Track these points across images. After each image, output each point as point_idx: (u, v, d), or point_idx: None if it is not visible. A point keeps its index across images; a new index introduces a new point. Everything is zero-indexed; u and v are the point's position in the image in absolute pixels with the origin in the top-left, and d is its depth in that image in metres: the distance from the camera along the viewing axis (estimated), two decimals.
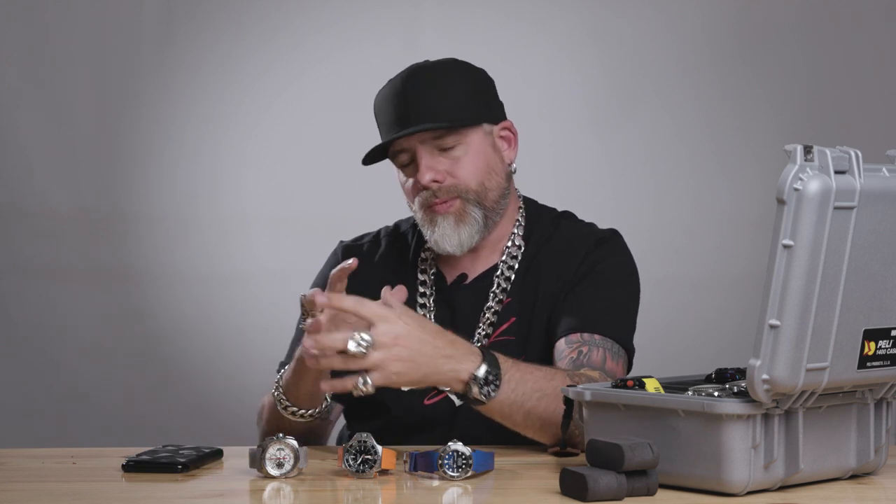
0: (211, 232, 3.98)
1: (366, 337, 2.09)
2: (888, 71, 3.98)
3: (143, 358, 3.96)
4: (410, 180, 2.53)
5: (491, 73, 2.58)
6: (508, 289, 2.56)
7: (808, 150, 1.84)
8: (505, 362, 2.22)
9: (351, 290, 2.51)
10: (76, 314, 3.96)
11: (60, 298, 3.96)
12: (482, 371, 2.17)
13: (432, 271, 2.60)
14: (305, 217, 3.93)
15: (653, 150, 3.98)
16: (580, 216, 2.68)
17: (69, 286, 3.96)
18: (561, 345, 2.45)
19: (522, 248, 2.58)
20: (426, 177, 2.48)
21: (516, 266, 2.57)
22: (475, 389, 2.17)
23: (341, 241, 2.70)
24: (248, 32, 3.98)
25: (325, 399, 2.40)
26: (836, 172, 1.85)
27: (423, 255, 2.61)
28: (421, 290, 2.59)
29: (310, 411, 2.38)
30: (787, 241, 1.82)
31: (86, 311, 3.96)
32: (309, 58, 3.98)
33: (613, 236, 2.60)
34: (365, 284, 2.57)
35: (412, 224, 2.65)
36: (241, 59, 3.97)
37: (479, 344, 2.50)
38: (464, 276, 2.58)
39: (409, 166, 2.53)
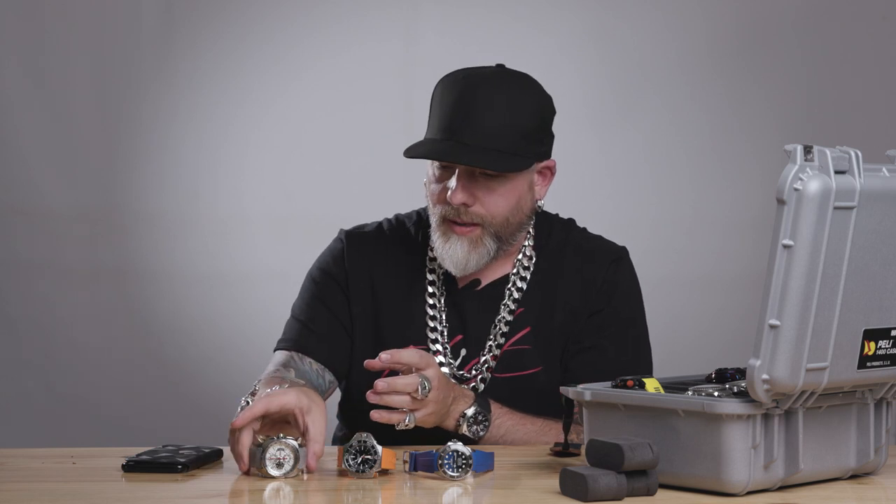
0: (211, 232, 3.98)
1: (427, 382, 2.24)
2: (888, 71, 3.98)
3: (143, 358, 3.96)
4: (440, 186, 2.48)
5: None
6: (520, 298, 2.55)
7: (808, 150, 1.85)
8: (499, 409, 2.39)
9: (357, 279, 2.54)
10: (76, 314, 3.96)
11: (60, 298, 3.96)
12: (472, 410, 2.35)
13: (442, 272, 2.57)
14: (305, 217, 3.92)
15: (653, 150, 3.98)
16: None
17: (69, 286, 3.95)
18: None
19: (534, 259, 2.57)
20: (458, 198, 2.44)
21: (528, 276, 2.56)
22: (464, 427, 2.35)
23: (342, 229, 2.65)
24: (248, 32, 3.98)
25: None
26: (836, 172, 1.85)
27: (431, 253, 2.58)
28: (430, 290, 2.57)
29: None
30: (787, 241, 1.82)
31: (86, 311, 3.96)
32: (309, 58, 3.98)
33: (625, 256, 2.60)
34: (370, 275, 2.57)
35: (415, 221, 2.63)
36: (242, 59, 3.97)
37: (489, 355, 2.52)
38: (477, 282, 2.57)
39: (443, 170, 2.48)
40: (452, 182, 2.45)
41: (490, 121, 2.43)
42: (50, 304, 3.96)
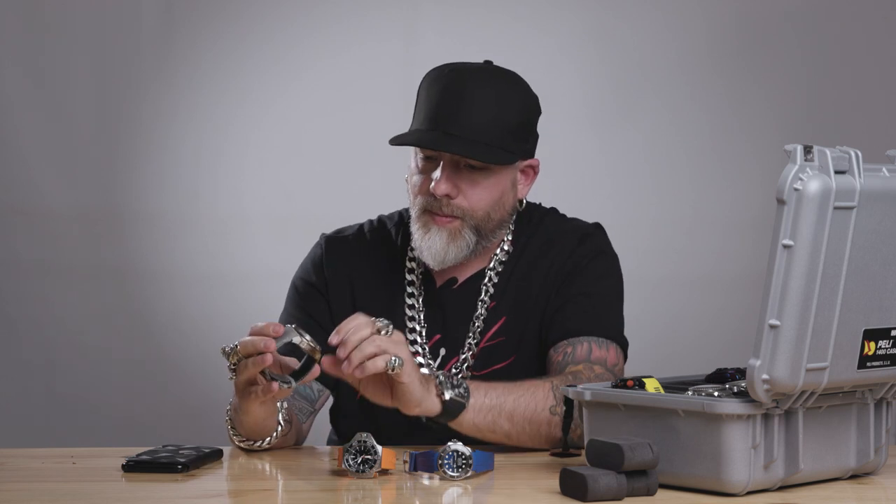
0: (211, 232, 3.98)
1: (383, 319, 2.17)
2: (888, 71, 3.98)
3: (142, 358, 3.96)
4: (423, 178, 2.48)
5: None
6: (494, 292, 2.55)
7: (808, 150, 1.85)
8: (468, 380, 2.31)
9: (337, 283, 2.55)
10: (75, 314, 3.96)
11: (60, 298, 3.96)
12: (442, 377, 2.25)
13: (420, 271, 2.58)
14: (305, 217, 3.92)
15: (653, 150, 3.98)
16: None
17: (69, 286, 3.95)
18: (550, 354, 2.49)
19: (510, 252, 2.57)
20: (442, 189, 2.44)
21: (502, 269, 2.56)
22: (448, 393, 2.24)
23: (323, 234, 2.66)
24: (248, 32, 3.97)
25: (278, 426, 2.34)
26: (836, 172, 1.85)
27: (410, 254, 2.58)
28: (409, 290, 2.57)
29: (257, 443, 2.34)
30: (787, 241, 1.82)
31: (85, 311, 3.96)
32: (309, 58, 3.98)
33: (597, 231, 2.59)
34: (350, 279, 2.57)
35: (396, 222, 2.64)
36: (242, 58, 3.97)
37: (468, 353, 2.52)
38: (454, 280, 2.56)
39: (427, 162, 2.48)
40: (437, 173, 2.45)
41: (478, 114, 2.44)
42: (50, 304, 3.96)
